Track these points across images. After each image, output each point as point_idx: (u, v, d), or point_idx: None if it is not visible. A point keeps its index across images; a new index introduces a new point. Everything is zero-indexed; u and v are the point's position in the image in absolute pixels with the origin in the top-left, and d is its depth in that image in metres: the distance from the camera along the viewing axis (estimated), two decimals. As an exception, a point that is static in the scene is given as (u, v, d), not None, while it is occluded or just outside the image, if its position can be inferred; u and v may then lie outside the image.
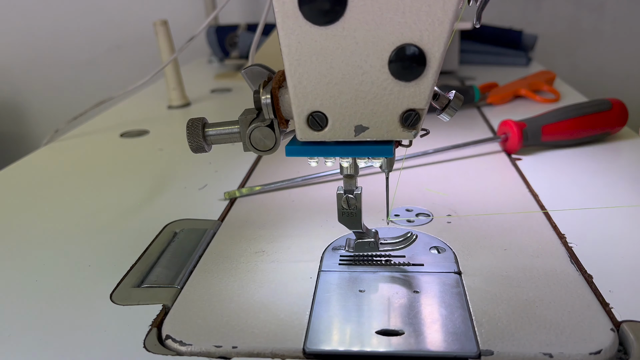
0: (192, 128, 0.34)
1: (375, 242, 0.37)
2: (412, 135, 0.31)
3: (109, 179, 0.57)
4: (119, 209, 0.49)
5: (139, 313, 0.34)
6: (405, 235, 0.38)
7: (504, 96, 0.80)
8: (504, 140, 0.59)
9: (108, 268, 0.39)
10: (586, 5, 1.34)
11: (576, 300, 0.33)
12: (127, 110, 0.87)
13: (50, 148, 0.69)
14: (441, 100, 0.33)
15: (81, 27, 1.49)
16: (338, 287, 0.35)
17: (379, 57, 0.29)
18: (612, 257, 0.37)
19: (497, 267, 0.37)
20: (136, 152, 0.66)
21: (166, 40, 0.81)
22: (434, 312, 0.32)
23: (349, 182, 0.35)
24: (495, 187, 0.51)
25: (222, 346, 0.30)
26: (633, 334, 0.30)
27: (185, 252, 0.41)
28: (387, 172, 0.35)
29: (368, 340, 0.30)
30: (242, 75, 0.34)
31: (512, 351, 0.29)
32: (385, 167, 0.35)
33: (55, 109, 1.56)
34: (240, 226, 0.45)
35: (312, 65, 0.29)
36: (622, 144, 0.60)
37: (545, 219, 0.43)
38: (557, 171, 0.54)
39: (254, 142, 0.33)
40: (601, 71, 1.40)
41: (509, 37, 1.13)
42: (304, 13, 0.28)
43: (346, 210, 0.36)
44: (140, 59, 1.48)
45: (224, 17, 1.41)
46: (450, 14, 0.27)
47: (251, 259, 0.39)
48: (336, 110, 0.30)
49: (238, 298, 0.35)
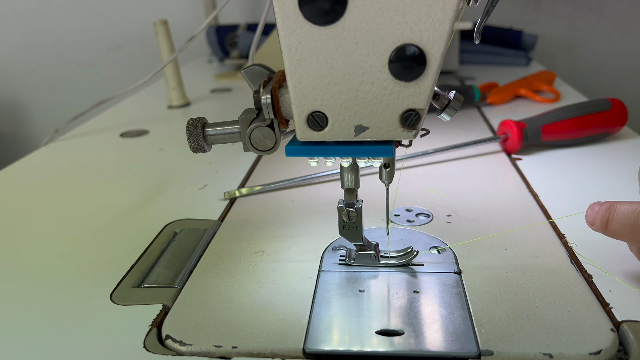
0: (192, 128, 0.34)
1: (376, 255, 0.37)
2: (412, 135, 0.31)
3: (109, 179, 0.57)
4: (119, 209, 0.49)
5: (139, 313, 0.34)
6: (406, 250, 0.38)
7: (504, 96, 0.80)
8: (504, 140, 0.59)
9: (108, 268, 0.39)
10: (585, 5, 1.34)
11: (576, 300, 0.33)
12: (127, 110, 0.87)
13: (50, 148, 0.69)
14: (441, 100, 0.33)
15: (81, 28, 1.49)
16: (338, 287, 0.35)
17: (379, 57, 0.29)
18: (612, 257, 0.37)
19: (497, 267, 0.37)
20: (136, 152, 0.66)
21: (166, 40, 0.81)
22: (434, 312, 0.32)
23: (349, 195, 0.35)
24: (495, 187, 0.51)
25: (222, 346, 0.30)
26: (633, 334, 0.30)
27: (185, 252, 0.41)
28: (387, 183, 0.35)
29: (368, 340, 0.30)
30: (242, 75, 0.34)
31: (512, 351, 0.29)
32: (385, 178, 0.35)
33: (55, 109, 1.56)
34: (240, 226, 0.45)
35: (312, 65, 0.29)
36: (622, 144, 0.60)
37: (545, 219, 0.43)
38: (557, 171, 0.54)
39: (254, 142, 0.33)
40: (601, 71, 1.40)
41: (509, 37, 1.13)
42: (304, 13, 0.28)
43: (347, 223, 0.36)
44: (140, 59, 1.48)
45: (224, 17, 1.41)
46: (450, 14, 0.27)
47: (251, 259, 0.39)
48: (336, 110, 0.30)
49: (238, 298, 0.35)
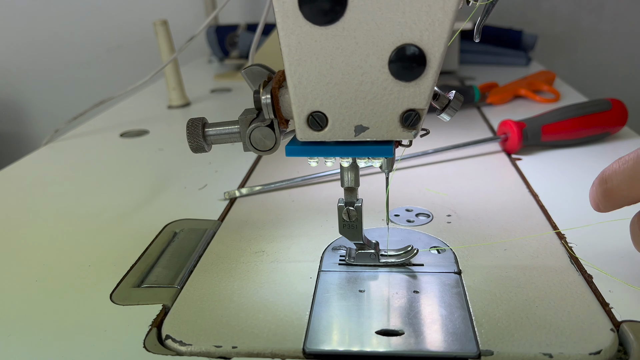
0: (192, 128, 0.34)
1: (376, 254, 0.37)
2: (412, 135, 0.31)
3: (109, 179, 0.57)
4: (119, 209, 0.49)
5: (139, 313, 0.34)
6: (406, 249, 0.38)
7: (504, 96, 0.80)
8: (504, 140, 0.59)
9: (108, 268, 0.39)
10: (585, 5, 1.34)
11: (576, 300, 0.33)
12: (127, 110, 0.87)
13: (50, 148, 0.69)
14: (441, 100, 0.33)
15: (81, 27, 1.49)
16: (338, 287, 0.35)
17: (379, 57, 0.29)
18: (612, 257, 0.37)
19: (497, 267, 0.37)
20: (136, 152, 0.66)
21: (166, 40, 0.81)
22: (434, 312, 0.32)
23: (349, 194, 0.35)
24: (495, 187, 0.51)
25: (222, 346, 0.30)
26: (633, 334, 0.30)
27: (185, 252, 0.41)
28: (387, 172, 0.35)
29: (368, 340, 0.30)
30: (242, 75, 0.34)
31: (512, 351, 0.29)
32: (386, 167, 0.35)
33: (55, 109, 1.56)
34: (240, 226, 0.45)
35: (312, 65, 0.29)
36: (622, 144, 0.60)
37: (545, 219, 0.43)
38: (557, 171, 0.54)
39: (254, 142, 0.33)
40: (601, 71, 1.40)
41: (509, 37, 1.13)
42: (304, 13, 0.28)
43: (347, 222, 0.36)
44: (140, 59, 1.48)
45: (224, 17, 1.41)
46: (450, 14, 0.27)
47: (251, 259, 0.39)
48: (336, 110, 0.30)
49: (238, 298, 0.35)
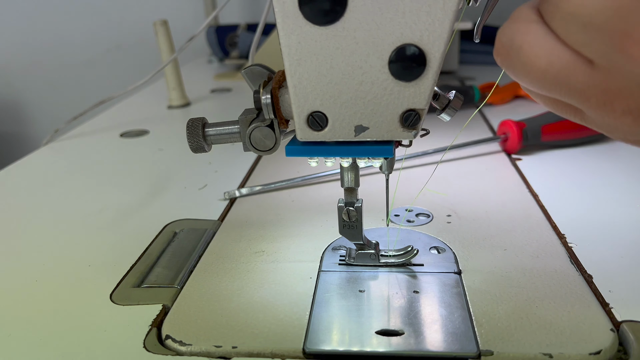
0: (192, 128, 0.34)
1: (376, 254, 0.37)
2: (412, 135, 0.31)
3: (109, 179, 0.57)
4: (118, 209, 0.49)
5: (139, 313, 0.34)
6: (406, 249, 0.38)
7: (504, 96, 0.80)
8: (504, 140, 0.59)
9: (108, 268, 0.39)
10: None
11: (576, 300, 0.33)
12: (127, 110, 0.87)
13: (50, 148, 0.69)
14: (441, 100, 0.33)
15: (81, 27, 1.49)
16: (338, 287, 0.35)
17: (379, 57, 0.29)
18: (612, 257, 0.37)
19: (497, 267, 0.37)
20: (136, 152, 0.66)
21: (166, 40, 0.81)
22: (434, 312, 0.32)
23: (349, 194, 0.35)
24: (495, 187, 0.51)
25: (222, 346, 0.30)
26: (633, 334, 0.30)
27: (185, 252, 0.41)
28: (387, 174, 0.35)
29: (368, 340, 0.30)
30: (242, 75, 0.34)
31: (512, 351, 0.29)
32: (385, 169, 0.35)
33: (55, 109, 1.56)
34: (240, 226, 0.45)
35: (312, 65, 0.29)
36: (622, 144, 0.60)
37: (545, 219, 0.43)
38: (557, 171, 0.54)
39: (254, 142, 0.33)
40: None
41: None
42: (304, 13, 0.28)
43: (347, 222, 0.36)
44: (140, 59, 1.48)
45: (224, 17, 1.41)
46: (450, 14, 0.27)
47: (251, 259, 0.39)
48: (336, 110, 0.30)
49: (238, 298, 0.35)
